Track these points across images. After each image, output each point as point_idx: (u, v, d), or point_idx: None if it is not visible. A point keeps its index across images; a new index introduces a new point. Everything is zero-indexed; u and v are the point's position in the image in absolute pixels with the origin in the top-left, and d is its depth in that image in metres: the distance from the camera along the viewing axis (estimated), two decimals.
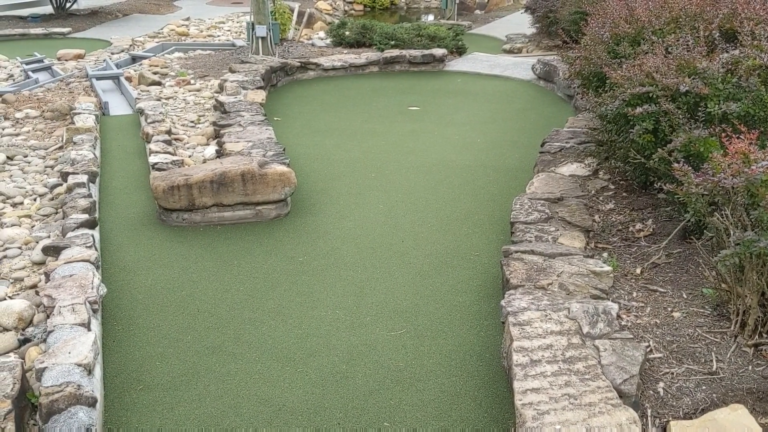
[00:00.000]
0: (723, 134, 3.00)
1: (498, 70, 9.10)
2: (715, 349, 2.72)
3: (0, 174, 5.32)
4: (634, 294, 3.19)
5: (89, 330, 2.94)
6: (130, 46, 10.66)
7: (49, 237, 4.22)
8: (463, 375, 2.96)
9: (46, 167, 5.53)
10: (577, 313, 2.81)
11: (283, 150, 5.18)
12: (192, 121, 6.73)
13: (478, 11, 16.05)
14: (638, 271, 3.40)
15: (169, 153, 5.37)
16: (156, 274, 3.83)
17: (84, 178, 4.77)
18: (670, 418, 2.38)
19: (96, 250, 3.77)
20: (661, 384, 2.55)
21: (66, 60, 9.56)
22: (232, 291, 3.66)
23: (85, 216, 4.14)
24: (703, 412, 2.37)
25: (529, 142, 6.08)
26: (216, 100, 6.91)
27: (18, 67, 9.13)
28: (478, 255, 4.05)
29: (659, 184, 3.32)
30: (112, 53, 10.02)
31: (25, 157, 5.73)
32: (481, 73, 9.06)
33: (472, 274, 3.83)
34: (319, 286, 3.71)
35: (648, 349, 2.73)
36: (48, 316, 3.05)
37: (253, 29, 9.18)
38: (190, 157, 5.61)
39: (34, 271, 3.85)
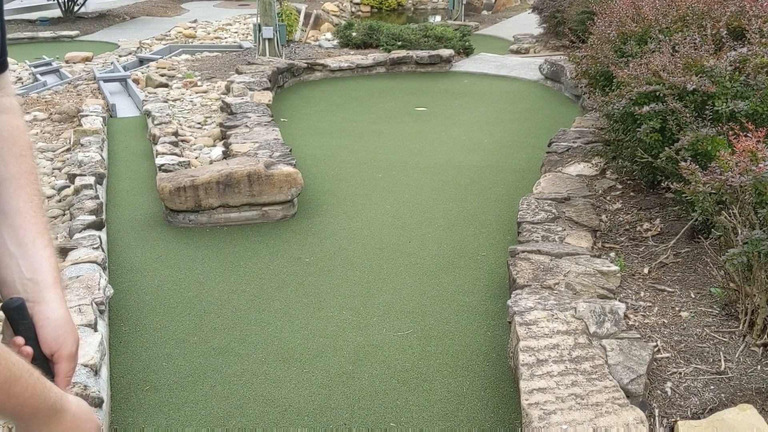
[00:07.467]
0: (731, 133, 2.97)
1: (505, 71, 9.09)
2: (723, 348, 2.70)
3: None
4: (642, 294, 3.17)
5: (96, 331, 2.95)
6: (138, 48, 10.71)
7: (56, 238, 4.24)
8: (470, 375, 2.95)
9: (53, 169, 5.55)
10: (583, 312, 2.79)
11: (290, 151, 5.18)
12: (199, 123, 6.75)
13: (485, 12, 16.03)
14: (646, 270, 3.38)
15: (175, 154, 5.39)
16: (162, 275, 3.84)
17: (91, 180, 4.79)
18: (678, 418, 2.36)
19: (103, 251, 3.79)
20: (669, 384, 2.53)
21: (74, 63, 9.62)
22: (239, 292, 3.67)
23: (92, 217, 4.16)
24: (711, 412, 2.35)
25: (536, 143, 6.06)
26: (222, 101, 6.92)
27: (27, 70, 9.18)
28: (485, 255, 4.04)
29: (667, 183, 3.30)
30: (120, 55, 10.06)
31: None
32: (488, 74, 9.04)
33: (478, 274, 3.82)
34: (325, 287, 3.71)
35: (655, 349, 2.71)
36: None
37: (259, 31, 9.20)
38: (196, 158, 5.63)
39: None
